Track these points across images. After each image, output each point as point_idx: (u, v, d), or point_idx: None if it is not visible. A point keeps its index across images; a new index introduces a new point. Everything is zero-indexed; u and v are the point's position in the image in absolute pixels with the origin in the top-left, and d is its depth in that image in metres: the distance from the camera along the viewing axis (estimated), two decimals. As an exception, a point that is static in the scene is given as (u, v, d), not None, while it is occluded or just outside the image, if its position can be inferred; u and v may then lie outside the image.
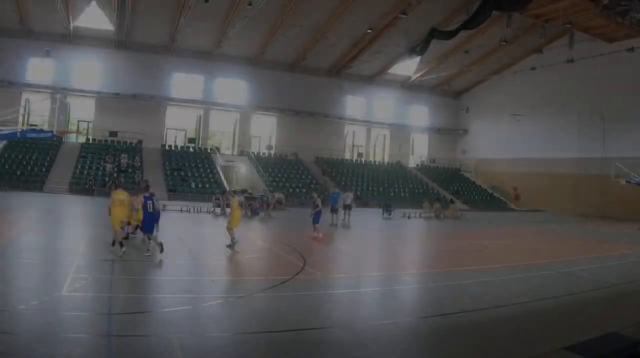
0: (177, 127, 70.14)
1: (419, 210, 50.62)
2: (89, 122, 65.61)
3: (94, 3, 56.13)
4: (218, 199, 42.22)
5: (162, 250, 19.12)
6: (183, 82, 67.60)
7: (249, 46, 65.39)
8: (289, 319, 12.90)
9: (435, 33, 53.35)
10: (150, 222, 20.10)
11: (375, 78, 75.62)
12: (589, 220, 55.55)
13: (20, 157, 53.89)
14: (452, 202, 56.47)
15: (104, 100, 63.73)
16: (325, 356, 10.66)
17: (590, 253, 28.53)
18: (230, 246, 21.99)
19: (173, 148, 66.52)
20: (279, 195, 49.54)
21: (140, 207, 19.92)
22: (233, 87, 69.66)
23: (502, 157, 75.37)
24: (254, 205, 41.95)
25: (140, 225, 20.51)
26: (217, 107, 69.79)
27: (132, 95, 63.96)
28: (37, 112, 58.35)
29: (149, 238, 19.99)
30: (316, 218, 28.27)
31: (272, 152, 71.51)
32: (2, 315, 11.16)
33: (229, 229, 22.56)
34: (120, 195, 20.26)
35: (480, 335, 12.38)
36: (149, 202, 20.08)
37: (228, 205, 41.00)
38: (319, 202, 29.07)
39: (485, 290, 17.21)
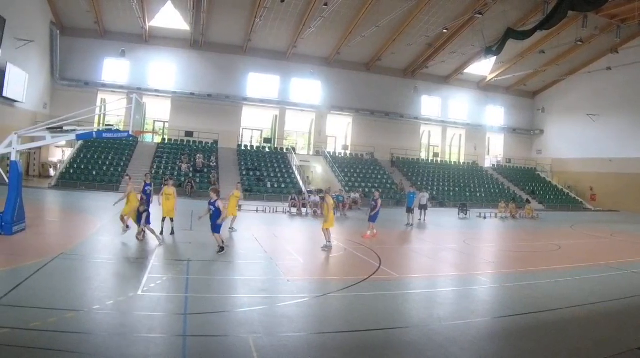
0: (253, 127, 70.85)
1: (494, 210, 50.24)
2: (164, 122, 66.47)
3: (169, 3, 56.76)
4: (294, 199, 42.29)
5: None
6: (258, 82, 67.98)
7: (325, 46, 65.65)
8: (364, 319, 12.82)
9: (511, 33, 52.79)
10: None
11: (450, 78, 75.27)
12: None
13: (96, 157, 54.66)
14: (528, 202, 55.79)
15: (179, 100, 64.56)
16: (400, 356, 10.46)
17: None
18: (326, 247, 22.30)
19: (249, 148, 66.95)
20: (354, 195, 49.44)
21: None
22: (308, 87, 69.76)
23: (578, 157, 74.75)
24: (330, 205, 41.98)
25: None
26: (293, 107, 70.04)
27: (207, 95, 64.66)
28: (112, 112, 59.30)
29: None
30: (374, 217, 28.03)
31: (348, 152, 71.42)
32: (78, 316, 11.18)
33: (326, 230, 22.72)
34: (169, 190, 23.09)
35: (554, 335, 12.21)
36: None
37: (304, 205, 40.92)
38: (378, 202, 28.72)
39: (559, 290, 17.10)
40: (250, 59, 66.36)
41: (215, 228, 19.88)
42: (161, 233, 22.40)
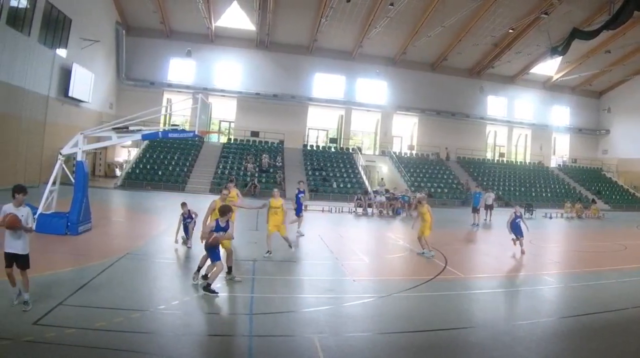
0: (319, 127, 71.06)
1: (560, 210, 50.15)
2: (230, 122, 67.01)
3: (235, 3, 57.24)
4: (360, 199, 42.36)
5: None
6: (324, 82, 68.17)
7: (390, 46, 65.54)
8: (430, 319, 12.96)
9: (576, 33, 52.35)
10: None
11: (516, 78, 74.66)
12: None
13: (162, 157, 55.39)
14: (593, 202, 55.43)
15: (245, 100, 65.05)
16: (467, 356, 10.62)
17: None
18: (425, 255, 21.49)
19: (314, 148, 67.13)
20: (420, 195, 49.30)
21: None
22: (374, 87, 69.73)
23: (644, 157, 73.42)
24: (395, 205, 42.09)
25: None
26: (359, 107, 69.96)
27: (273, 95, 65.02)
28: (178, 112, 59.73)
29: None
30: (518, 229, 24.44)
31: (414, 152, 71.32)
32: (143, 316, 11.43)
33: (421, 238, 22.03)
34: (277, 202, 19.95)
35: (620, 335, 12.28)
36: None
37: (370, 205, 40.74)
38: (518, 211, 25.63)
39: (625, 290, 17.12)
40: (316, 59, 66.54)
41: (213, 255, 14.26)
42: None
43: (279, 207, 19.89)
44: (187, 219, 20.23)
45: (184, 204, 20.87)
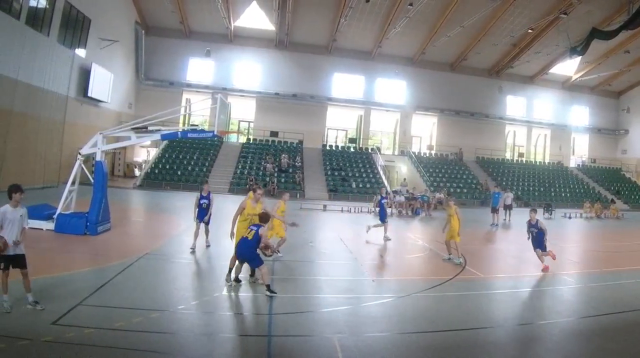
0: (338, 127, 70.95)
1: (579, 210, 50.24)
2: (249, 122, 66.99)
3: (254, 3, 57.29)
4: (379, 200, 42.27)
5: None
6: (343, 82, 68.13)
7: (409, 46, 65.50)
8: (449, 319, 12.93)
9: (595, 33, 52.20)
10: None
11: (535, 78, 74.45)
12: None
13: (181, 157, 55.52)
14: (612, 201, 55.36)
15: (264, 100, 65.17)
16: (486, 356, 10.57)
17: None
18: (450, 259, 20.84)
19: (334, 148, 67.08)
20: (439, 194, 49.23)
21: None
22: (393, 87, 69.65)
23: (663, 157, 73.00)
24: (414, 205, 42.21)
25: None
26: (378, 107, 69.94)
27: (292, 95, 65.11)
28: (197, 112, 60.09)
29: None
30: (541, 243, 20.69)
31: (433, 151, 71.18)
32: (162, 315, 11.47)
33: (449, 241, 21.20)
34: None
35: (639, 335, 12.30)
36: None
37: (389, 205, 40.70)
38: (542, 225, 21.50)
39: None
40: (335, 59, 66.58)
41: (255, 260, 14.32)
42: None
43: (284, 211, 19.16)
44: (204, 200, 20.18)
45: (206, 183, 21.25)
